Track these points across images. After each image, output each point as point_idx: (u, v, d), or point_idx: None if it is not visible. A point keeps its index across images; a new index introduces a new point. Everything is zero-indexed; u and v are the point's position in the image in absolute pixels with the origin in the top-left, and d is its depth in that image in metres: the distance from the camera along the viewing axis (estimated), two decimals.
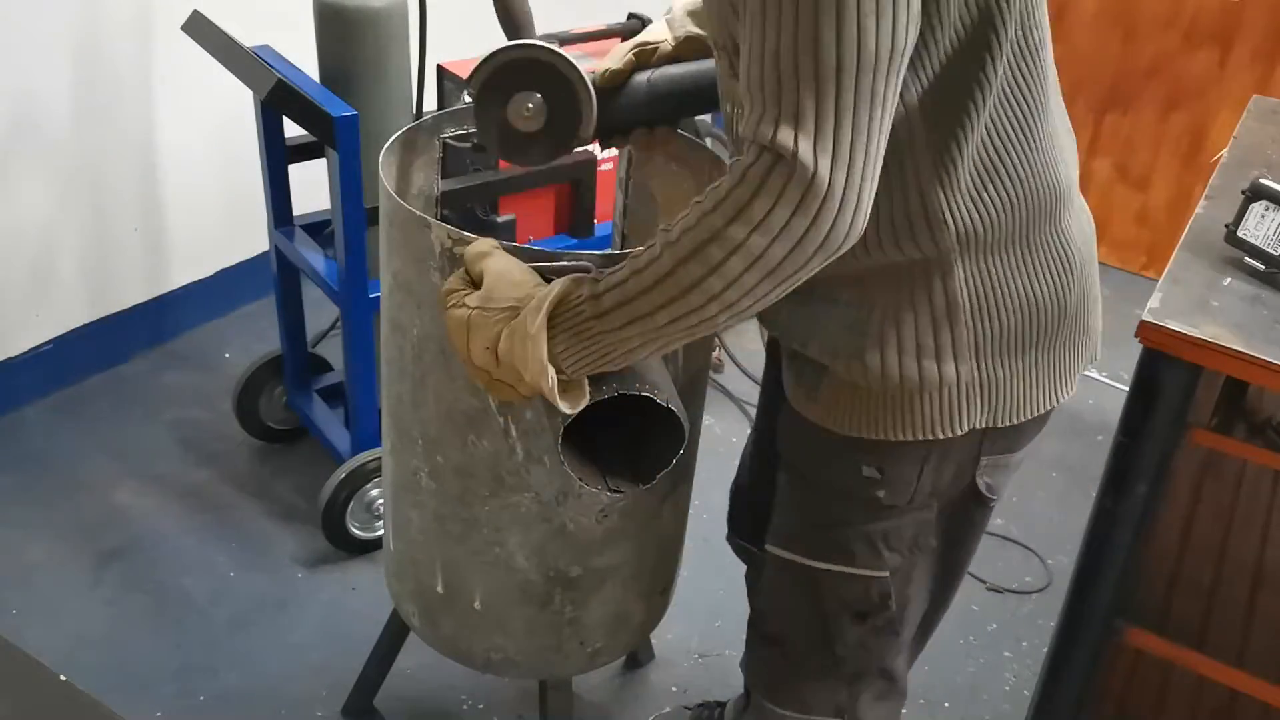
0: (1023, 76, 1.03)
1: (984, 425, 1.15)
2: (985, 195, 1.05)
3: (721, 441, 2.63)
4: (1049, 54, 1.06)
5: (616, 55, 1.28)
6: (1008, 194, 1.06)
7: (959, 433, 1.14)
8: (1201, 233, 1.59)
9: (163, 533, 2.28)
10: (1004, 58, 1.00)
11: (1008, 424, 1.16)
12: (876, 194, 0.97)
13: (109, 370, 2.70)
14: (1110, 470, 1.49)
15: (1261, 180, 1.50)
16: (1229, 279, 1.49)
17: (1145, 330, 1.38)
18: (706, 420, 1.63)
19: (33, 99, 2.37)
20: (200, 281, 2.86)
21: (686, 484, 1.60)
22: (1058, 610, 1.65)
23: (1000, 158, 1.05)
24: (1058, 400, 1.20)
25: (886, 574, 1.25)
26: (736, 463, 2.67)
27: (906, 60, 0.91)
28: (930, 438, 1.14)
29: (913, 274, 1.08)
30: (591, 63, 1.30)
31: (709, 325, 0.95)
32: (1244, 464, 2.13)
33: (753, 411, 2.74)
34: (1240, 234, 1.51)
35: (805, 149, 0.87)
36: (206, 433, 2.54)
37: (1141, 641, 1.64)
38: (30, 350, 2.55)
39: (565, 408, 1.03)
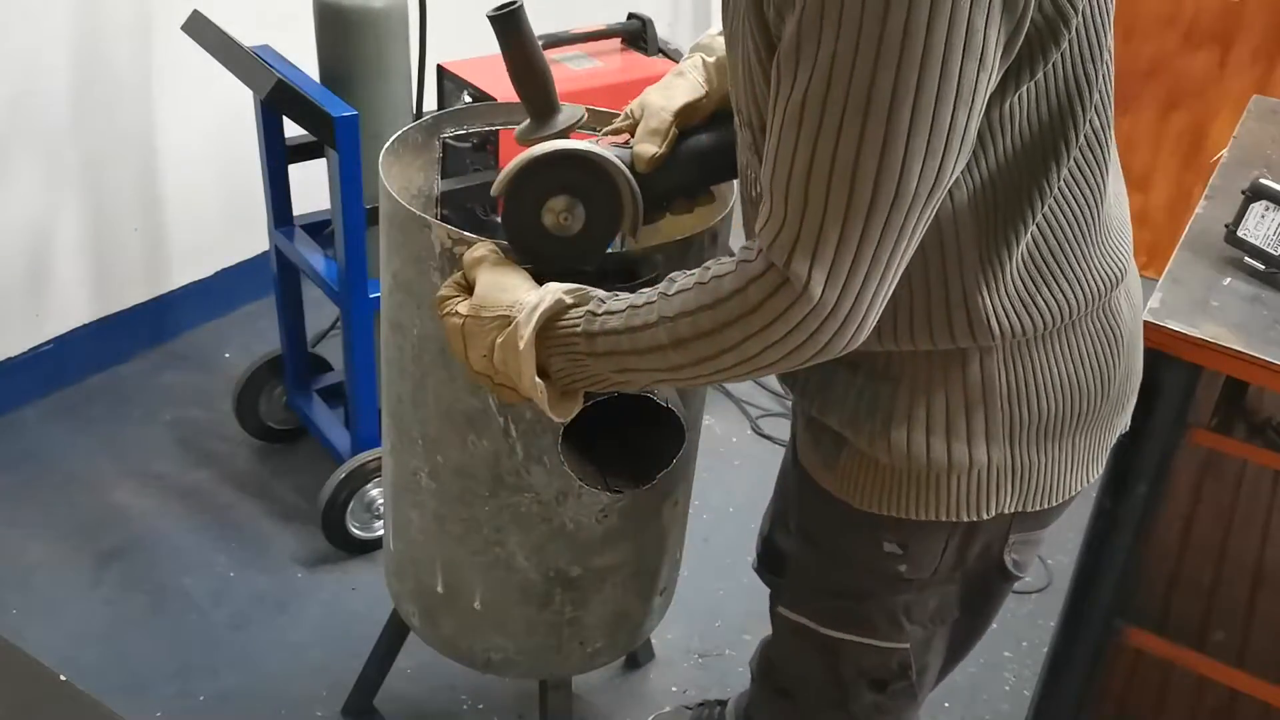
0: (1088, 167, 0.96)
1: (1013, 510, 1.09)
2: (1038, 299, 0.98)
3: (721, 441, 2.62)
4: (1112, 118, 0.98)
5: (656, 128, 1.13)
6: (1060, 296, 0.99)
7: (986, 517, 1.08)
8: (1201, 233, 1.59)
9: (163, 533, 2.28)
10: (1073, 155, 0.93)
11: (1038, 509, 1.10)
12: (913, 290, 0.93)
13: (109, 370, 2.70)
14: (1110, 470, 1.49)
15: (1261, 180, 1.50)
16: (1229, 279, 1.49)
17: (1145, 330, 1.38)
18: (706, 420, 1.63)
19: (33, 99, 2.37)
20: (200, 281, 2.86)
21: (686, 484, 1.60)
22: (1058, 610, 1.65)
23: (1055, 258, 0.97)
24: (1089, 480, 1.13)
25: (907, 646, 1.20)
26: (737, 463, 2.67)
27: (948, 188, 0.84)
28: (956, 519, 1.08)
29: (946, 353, 1.01)
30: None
31: (702, 384, 0.95)
32: (1244, 464, 2.13)
33: (753, 411, 2.74)
34: (1240, 234, 1.51)
35: (818, 280, 0.83)
36: (206, 433, 2.54)
37: (1141, 641, 1.64)
38: (30, 350, 2.55)
39: (555, 418, 1.02)
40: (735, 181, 1.24)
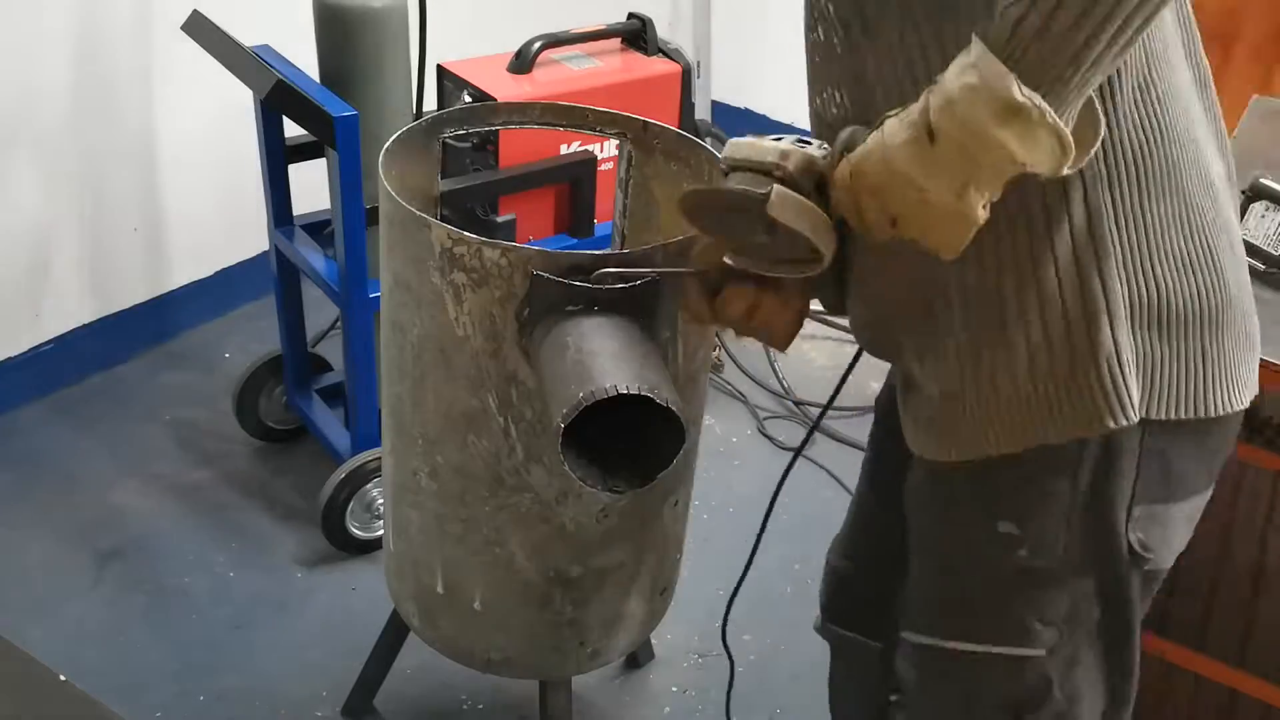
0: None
1: (1142, 413, 1.01)
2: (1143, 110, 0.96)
3: (722, 441, 2.62)
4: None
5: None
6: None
7: (1118, 422, 1.00)
8: None
9: (163, 533, 2.28)
10: None
11: (1167, 416, 1.02)
12: None
13: (109, 370, 2.70)
14: None
15: (1261, 180, 1.50)
16: None
17: None
18: (707, 420, 1.63)
19: (33, 99, 2.37)
20: (200, 281, 2.86)
21: (687, 484, 1.60)
22: None
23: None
24: (1228, 402, 1.06)
25: (1041, 653, 1.10)
26: (737, 463, 2.66)
27: None
28: (1084, 435, 1.01)
29: (1050, 223, 0.96)
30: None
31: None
32: (1244, 464, 2.13)
33: (758, 412, 2.74)
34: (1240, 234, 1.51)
35: None
36: (206, 433, 2.54)
37: (1142, 642, 1.63)
38: (30, 350, 2.55)
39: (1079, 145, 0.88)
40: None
